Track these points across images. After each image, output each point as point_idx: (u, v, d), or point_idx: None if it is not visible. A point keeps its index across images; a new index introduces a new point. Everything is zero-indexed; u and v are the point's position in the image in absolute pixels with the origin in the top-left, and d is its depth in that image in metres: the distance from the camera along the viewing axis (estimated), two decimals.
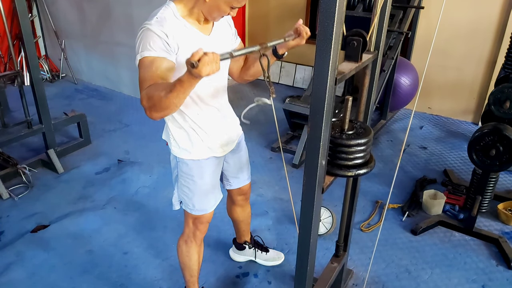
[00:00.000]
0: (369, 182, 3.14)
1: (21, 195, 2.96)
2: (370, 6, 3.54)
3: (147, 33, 1.43)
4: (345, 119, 1.43)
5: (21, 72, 3.79)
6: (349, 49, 1.42)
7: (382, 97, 3.95)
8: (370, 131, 1.46)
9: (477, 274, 2.29)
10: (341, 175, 1.43)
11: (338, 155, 1.42)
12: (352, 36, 1.41)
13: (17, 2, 2.87)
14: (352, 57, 1.42)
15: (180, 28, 1.47)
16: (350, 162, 1.43)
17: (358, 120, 1.63)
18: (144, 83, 1.39)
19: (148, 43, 1.41)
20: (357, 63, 1.41)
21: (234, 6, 1.45)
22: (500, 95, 2.23)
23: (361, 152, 1.43)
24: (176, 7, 1.49)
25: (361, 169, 1.43)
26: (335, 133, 1.43)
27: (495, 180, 2.60)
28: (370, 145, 1.46)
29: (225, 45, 1.66)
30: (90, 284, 2.22)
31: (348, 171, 1.42)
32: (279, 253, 2.38)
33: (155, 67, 1.39)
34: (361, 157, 1.44)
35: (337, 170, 1.42)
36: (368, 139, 1.43)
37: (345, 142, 1.40)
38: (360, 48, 1.40)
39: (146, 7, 4.23)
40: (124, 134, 3.98)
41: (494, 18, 3.82)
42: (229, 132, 1.78)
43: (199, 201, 1.74)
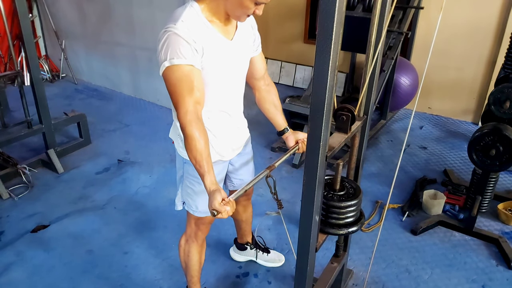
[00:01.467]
0: (369, 182, 3.14)
1: (21, 195, 2.96)
2: (370, 6, 3.54)
3: (175, 38, 1.34)
4: (336, 180, 1.54)
5: (21, 72, 3.79)
6: (339, 122, 1.53)
7: (382, 97, 3.95)
8: (360, 191, 1.58)
9: (477, 274, 2.29)
10: (333, 233, 1.55)
11: (330, 215, 1.54)
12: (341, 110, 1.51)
13: (17, 2, 2.87)
14: (342, 129, 1.53)
15: (205, 31, 1.41)
16: (342, 221, 1.55)
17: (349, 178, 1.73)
18: (181, 98, 1.35)
19: (178, 49, 1.33)
20: (347, 135, 1.52)
21: (258, 2, 1.36)
22: (500, 95, 2.23)
23: (352, 212, 1.54)
24: (200, 7, 1.41)
25: (352, 227, 1.55)
26: (327, 194, 1.54)
27: (495, 180, 2.60)
28: (360, 204, 1.57)
29: (246, 50, 1.62)
30: (90, 284, 2.22)
31: (339, 229, 1.54)
32: (280, 255, 2.38)
33: (190, 81, 1.35)
34: (351, 216, 1.56)
35: (329, 229, 1.54)
36: (358, 200, 1.54)
37: (336, 204, 1.52)
38: (349, 122, 1.51)
39: (147, 7, 4.23)
40: (124, 134, 3.98)
41: (494, 18, 3.82)
42: (238, 137, 1.76)
43: (203, 203, 1.73)
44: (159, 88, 4.57)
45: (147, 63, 4.55)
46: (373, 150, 3.66)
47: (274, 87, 1.85)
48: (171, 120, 1.73)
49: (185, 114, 1.34)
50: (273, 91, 1.84)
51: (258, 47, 1.70)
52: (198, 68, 1.38)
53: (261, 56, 1.75)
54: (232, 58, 1.53)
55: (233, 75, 1.59)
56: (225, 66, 1.52)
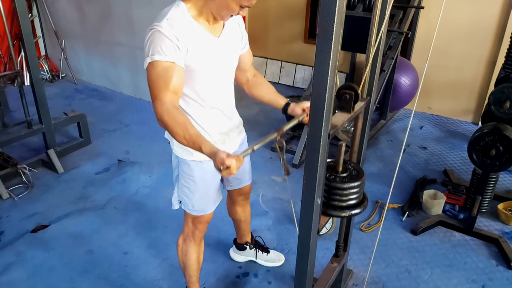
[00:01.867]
0: (369, 182, 3.14)
1: (21, 195, 2.96)
2: (370, 6, 3.54)
3: (158, 35, 1.38)
4: (339, 162, 1.51)
5: (21, 72, 3.79)
6: (342, 101, 1.49)
7: (382, 97, 3.95)
8: (363, 173, 1.54)
9: (477, 274, 2.29)
10: (335, 215, 1.52)
11: (332, 197, 1.50)
12: (344, 89, 1.48)
13: (17, 2, 2.87)
14: (345, 108, 1.49)
15: (190, 30, 1.44)
16: (344, 203, 1.51)
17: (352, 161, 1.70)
18: (157, 91, 1.37)
19: (159, 46, 1.37)
20: (350, 114, 1.48)
21: (243, 5, 1.41)
22: (500, 95, 2.23)
23: (354, 194, 1.51)
24: (186, 6, 1.45)
25: (354, 210, 1.51)
26: (329, 176, 1.50)
27: (495, 180, 2.60)
28: (363, 186, 1.53)
29: (234, 48, 1.64)
30: (90, 284, 2.22)
31: (342, 211, 1.51)
32: (279, 254, 2.38)
33: (168, 77, 1.37)
34: (354, 198, 1.52)
35: (332, 211, 1.50)
36: (361, 182, 1.51)
37: (339, 185, 1.48)
38: (352, 101, 1.47)
39: (147, 7, 4.23)
40: (124, 134, 3.98)
41: (494, 18, 3.82)
42: (232, 135, 1.76)
43: (199, 201, 1.74)
44: None
45: None
46: (373, 150, 3.66)
47: (261, 76, 1.86)
48: None
49: (161, 106, 1.36)
50: (261, 77, 1.85)
51: (246, 44, 1.73)
52: (179, 65, 1.41)
53: (249, 52, 1.77)
54: (220, 54, 1.56)
55: (222, 71, 1.60)
56: (213, 63, 1.54)
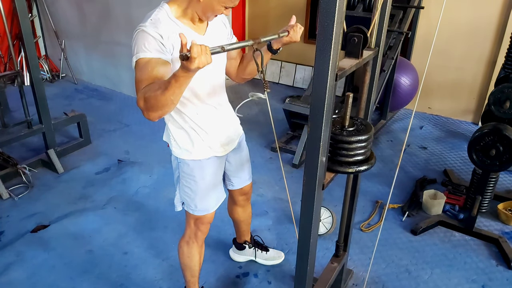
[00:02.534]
0: (369, 182, 3.14)
1: (21, 195, 2.96)
2: (370, 6, 3.54)
3: (142, 34, 1.43)
4: (345, 116, 1.43)
5: (21, 72, 3.79)
6: (349, 45, 1.42)
7: (382, 97, 3.95)
8: (371, 127, 1.47)
9: (477, 274, 2.29)
10: (342, 171, 1.44)
11: (338, 152, 1.43)
12: (352, 32, 1.41)
13: (17, 2, 2.87)
14: (353, 53, 1.41)
15: (175, 28, 1.47)
16: (351, 159, 1.43)
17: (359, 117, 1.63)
18: (140, 83, 1.40)
19: (143, 44, 1.41)
20: (358, 60, 1.40)
21: (227, 6, 1.47)
22: (500, 95, 2.23)
23: (362, 149, 1.43)
24: (170, 8, 1.50)
25: (362, 166, 1.44)
26: (335, 130, 1.43)
27: (495, 180, 2.60)
28: (370, 141, 1.46)
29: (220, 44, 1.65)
30: (90, 284, 2.22)
31: (348, 167, 1.43)
32: (279, 252, 2.39)
33: (150, 68, 1.40)
34: (361, 154, 1.44)
35: (338, 167, 1.43)
36: (369, 136, 1.43)
37: (345, 139, 1.40)
38: (361, 44, 1.40)
39: (146, 7, 4.20)
40: (124, 134, 3.98)
41: (494, 18, 3.82)
42: (229, 131, 1.78)
43: (201, 201, 1.74)
44: None
45: None
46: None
47: None
48: None
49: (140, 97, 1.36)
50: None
51: (232, 38, 1.75)
52: (164, 59, 1.43)
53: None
54: None
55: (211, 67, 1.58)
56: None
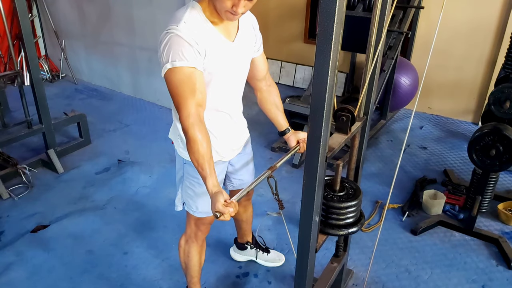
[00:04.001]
0: (369, 182, 3.14)
1: (21, 195, 2.96)
2: (370, 6, 3.54)
3: (177, 40, 1.33)
4: (336, 181, 1.55)
5: (21, 72, 3.79)
6: (339, 123, 1.52)
7: (382, 97, 3.95)
8: (360, 192, 1.58)
9: (477, 274, 2.29)
10: (333, 234, 1.56)
11: (330, 216, 1.54)
12: (341, 111, 1.51)
13: (17, 2, 2.87)
14: (342, 129, 1.52)
15: (207, 32, 1.41)
16: (342, 222, 1.55)
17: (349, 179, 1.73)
18: (184, 100, 1.34)
19: (179, 51, 1.32)
20: (346, 135, 1.51)
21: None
22: (500, 95, 2.23)
23: (352, 213, 1.55)
24: (201, 8, 1.40)
25: (352, 228, 1.55)
26: (327, 195, 1.54)
27: (495, 180, 2.60)
28: (360, 205, 1.58)
29: (247, 52, 1.62)
30: (90, 284, 2.22)
31: (339, 230, 1.55)
32: (280, 254, 2.38)
33: (192, 83, 1.34)
34: (351, 217, 1.56)
35: (330, 230, 1.55)
36: (358, 201, 1.54)
37: (336, 205, 1.52)
38: (349, 122, 1.50)
39: (147, 7, 4.23)
40: (124, 134, 3.98)
41: (494, 18, 3.82)
42: (238, 137, 1.77)
43: (203, 203, 1.73)
44: (159, 88, 4.57)
45: (147, 63, 4.55)
46: (373, 150, 3.66)
47: (275, 88, 1.85)
48: (171, 120, 1.73)
49: (187, 117, 1.34)
50: (275, 92, 1.84)
51: (259, 47, 1.70)
52: (200, 70, 1.38)
53: (263, 56, 1.74)
54: (234, 59, 1.53)
55: (234, 76, 1.59)
56: (226, 68, 1.52)
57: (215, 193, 1.32)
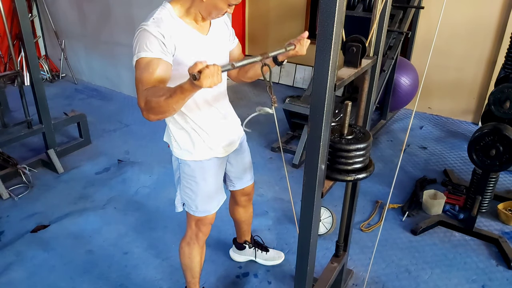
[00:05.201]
0: (369, 182, 3.14)
1: (21, 195, 2.96)
2: (370, 6, 3.54)
3: (144, 33, 1.42)
4: (344, 124, 1.44)
5: (21, 72, 3.79)
6: (348, 55, 1.43)
7: (382, 97, 3.95)
8: (370, 136, 1.47)
9: (477, 274, 2.29)
10: (340, 179, 1.45)
11: (337, 160, 1.43)
12: (351, 42, 1.42)
13: (17, 2, 2.87)
14: (351, 62, 1.43)
15: (177, 28, 1.47)
16: (350, 167, 1.44)
17: (358, 124, 1.63)
18: (141, 84, 1.40)
19: (144, 43, 1.40)
20: (356, 69, 1.42)
21: (231, 3, 1.46)
22: (500, 95, 2.23)
23: (360, 157, 1.44)
24: (172, 7, 1.49)
25: (360, 174, 1.44)
26: (334, 138, 1.43)
27: (495, 180, 2.60)
28: (369, 149, 1.46)
29: (222, 45, 1.67)
30: (90, 284, 2.22)
31: (347, 175, 1.44)
32: (279, 252, 2.38)
33: (152, 69, 1.39)
34: (360, 162, 1.45)
35: (337, 175, 1.44)
36: (367, 144, 1.43)
37: (344, 147, 1.41)
38: (359, 54, 1.42)
39: (146, 7, 4.21)
40: (124, 134, 3.98)
41: (494, 18, 3.82)
42: (230, 132, 1.78)
43: (202, 202, 1.74)
44: None
45: None
46: (373, 150, 3.66)
47: None
48: None
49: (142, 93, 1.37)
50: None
51: (234, 39, 1.77)
52: (165, 61, 1.42)
53: (238, 45, 1.80)
54: (209, 51, 1.58)
55: None
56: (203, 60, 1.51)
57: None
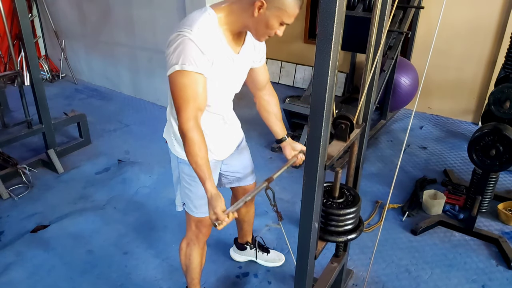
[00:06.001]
0: (369, 182, 3.14)
1: (21, 195, 2.96)
2: (370, 6, 3.54)
3: (189, 44, 1.33)
4: (335, 188, 1.56)
5: (21, 72, 3.79)
6: (338, 130, 1.53)
7: (382, 97, 3.95)
8: (359, 198, 1.60)
9: (477, 274, 2.29)
10: (332, 240, 1.57)
11: (329, 223, 1.56)
12: (340, 119, 1.52)
13: (17, 2, 2.87)
14: (341, 137, 1.53)
15: (217, 43, 1.41)
16: (341, 229, 1.57)
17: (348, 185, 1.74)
18: (185, 103, 1.36)
19: (191, 56, 1.33)
20: (345, 143, 1.52)
21: (284, 22, 1.37)
22: (500, 95, 2.23)
23: (351, 219, 1.56)
24: (216, 16, 1.40)
25: (351, 234, 1.57)
26: (326, 202, 1.56)
27: (495, 180, 2.60)
28: (359, 211, 1.60)
29: (248, 64, 1.64)
30: (90, 284, 2.22)
31: (338, 237, 1.56)
32: (280, 254, 2.38)
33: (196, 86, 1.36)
34: (350, 224, 1.58)
35: (329, 236, 1.56)
36: (357, 207, 1.56)
37: (335, 212, 1.53)
38: (348, 130, 1.51)
39: (147, 7, 4.23)
40: (124, 134, 3.98)
41: (494, 18, 3.82)
42: (231, 136, 1.79)
43: (201, 202, 1.73)
44: (159, 88, 4.57)
45: (147, 63, 4.55)
46: (373, 150, 3.66)
47: (275, 97, 1.87)
48: None
49: (187, 120, 1.36)
50: (274, 101, 1.86)
51: (262, 58, 1.70)
52: (205, 77, 1.39)
53: (265, 67, 1.75)
54: (236, 70, 1.56)
55: (232, 84, 1.62)
56: (228, 78, 1.55)
57: (214, 196, 1.35)
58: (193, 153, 1.37)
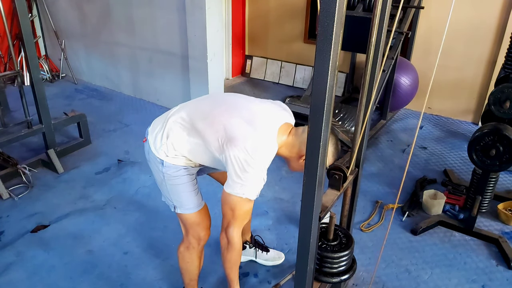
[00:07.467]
0: (369, 182, 3.14)
1: (21, 195, 2.96)
2: (370, 6, 3.54)
3: (259, 178, 1.53)
4: (330, 230, 1.67)
5: (21, 72, 3.79)
6: (332, 180, 1.64)
7: (382, 97, 3.95)
8: (352, 240, 1.71)
9: (477, 274, 2.29)
10: (326, 281, 1.67)
11: (324, 265, 1.66)
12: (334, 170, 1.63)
13: (17, 2, 2.87)
14: (335, 186, 1.65)
15: None
16: (335, 270, 1.67)
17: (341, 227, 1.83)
18: (240, 220, 1.62)
19: (258, 189, 1.54)
20: (339, 192, 1.62)
21: None
22: (500, 95, 2.23)
23: (344, 261, 1.67)
24: (278, 150, 1.61)
25: (345, 275, 1.67)
26: (321, 244, 1.67)
27: (495, 180, 2.60)
28: (352, 253, 1.71)
29: None
30: (90, 284, 2.22)
31: (332, 278, 1.67)
32: (279, 253, 2.38)
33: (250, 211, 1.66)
34: (344, 265, 1.68)
35: (323, 277, 1.66)
36: (350, 250, 1.67)
37: (330, 255, 1.64)
38: (341, 180, 1.62)
39: (147, 7, 4.23)
40: (124, 134, 3.98)
41: (494, 18, 3.82)
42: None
43: (192, 197, 1.72)
44: (159, 88, 4.57)
45: (147, 63, 4.55)
46: (373, 150, 3.66)
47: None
48: None
49: (238, 232, 1.63)
50: None
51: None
52: None
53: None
54: None
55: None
56: None
57: None
58: (234, 261, 1.69)
